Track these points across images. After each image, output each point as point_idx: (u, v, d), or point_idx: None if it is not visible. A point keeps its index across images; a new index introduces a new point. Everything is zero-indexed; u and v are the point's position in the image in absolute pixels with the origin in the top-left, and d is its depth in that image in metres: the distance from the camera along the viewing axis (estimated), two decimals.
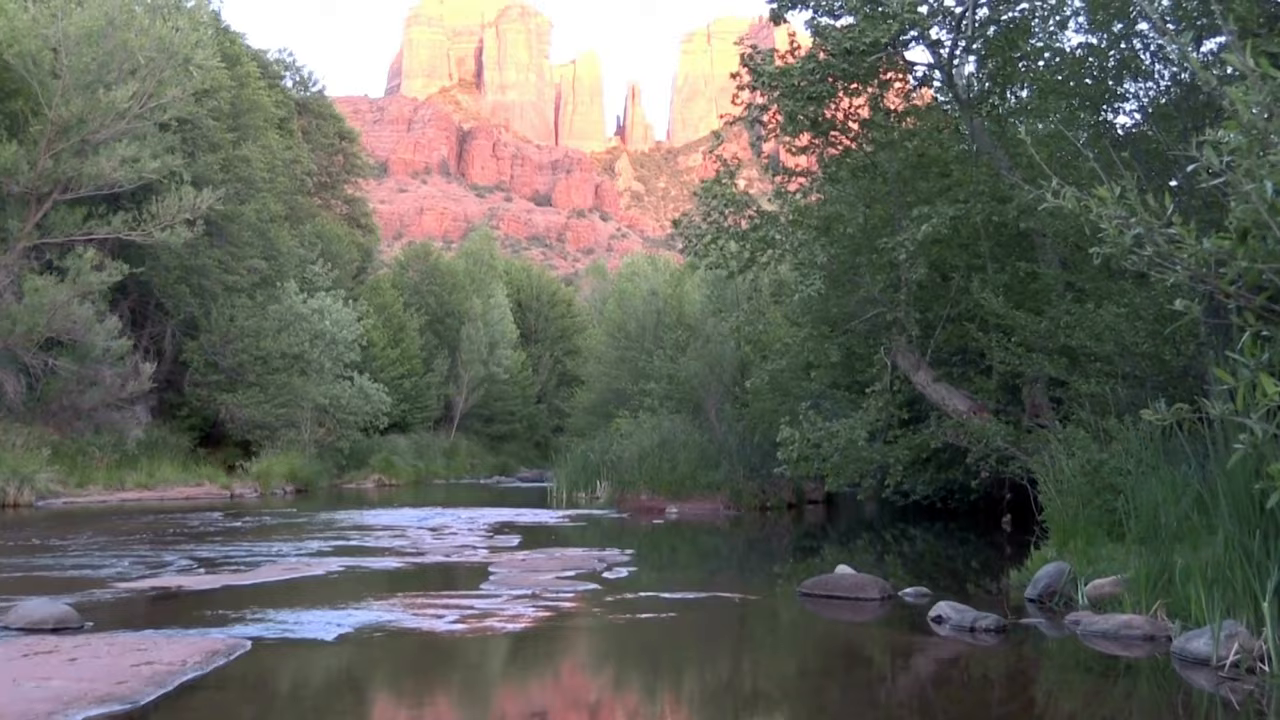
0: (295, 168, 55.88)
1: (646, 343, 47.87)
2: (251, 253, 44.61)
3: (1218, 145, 7.26)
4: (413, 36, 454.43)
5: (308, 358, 45.45)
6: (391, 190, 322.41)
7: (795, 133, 21.51)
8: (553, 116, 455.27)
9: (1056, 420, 18.13)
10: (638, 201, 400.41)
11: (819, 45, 19.69)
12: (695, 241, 22.78)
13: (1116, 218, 7.69)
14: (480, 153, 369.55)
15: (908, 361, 21.42)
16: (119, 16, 35.28)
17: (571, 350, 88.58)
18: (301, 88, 67.66)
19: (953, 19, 19.32)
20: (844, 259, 21.97)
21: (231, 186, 41.64)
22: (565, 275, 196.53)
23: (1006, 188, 18.79)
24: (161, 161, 35.77)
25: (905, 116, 22.34)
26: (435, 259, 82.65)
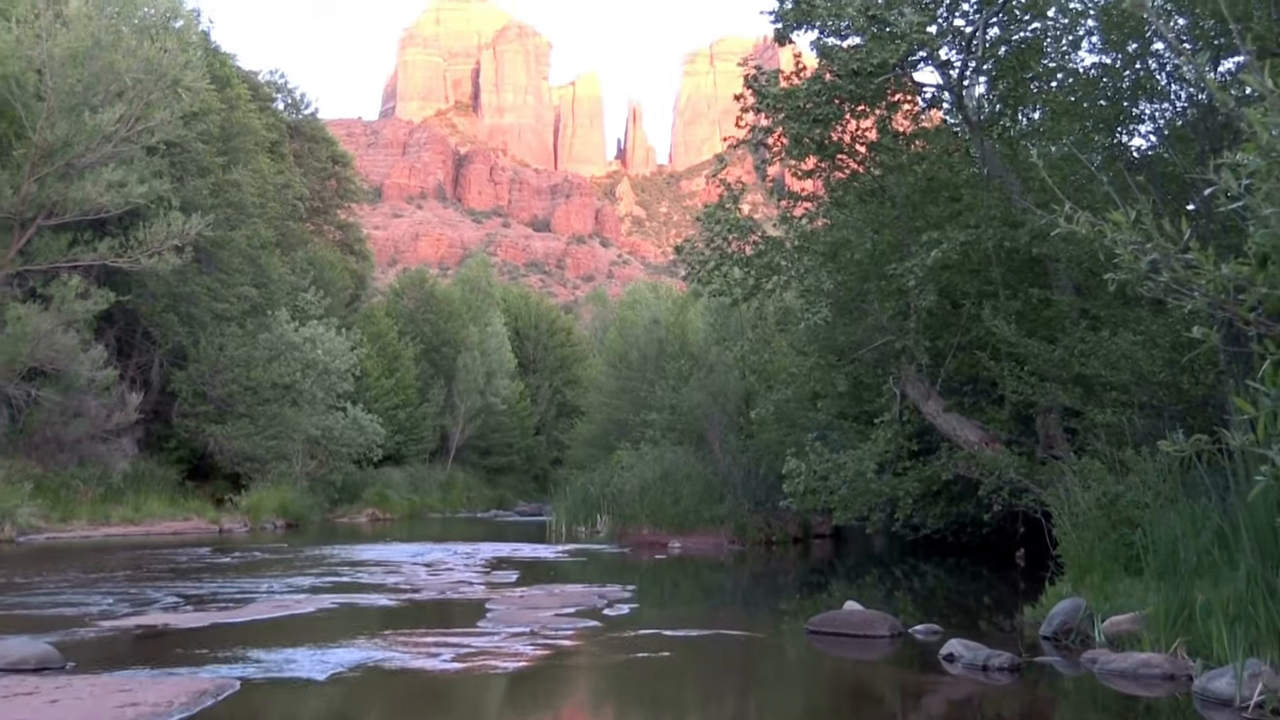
0: (287, 192, 55.96)
1: (648, 372, 47.86)
2: (242, 280, 44.64)
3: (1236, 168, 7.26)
4: (408, 58, 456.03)
5: (299, 388, 45.40)
6: (386, 215, 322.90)
7: (801, 156, 21.57)
8: (552, 140, 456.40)
9: (1071, 451, 18.09)
10: (639, 227, 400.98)
11: (825, 66, 19.75)
12: (698, 268, 22.81)
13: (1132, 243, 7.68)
14: (477, 177, 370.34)
15: (917, 391, 21.40)
16: (105, 37, 35.37)
17: (571, 380, 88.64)
18: (293, 110, 67.85)
19: (962, 39, 19.39)
20: (851, 286, 21.97)
21: (221, 212, 41.72)
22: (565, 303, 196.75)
23: (1018, 212, 18.80)
24: (149, 186, 35.81)
25: (914, 139, 22.39)
26: (431, 286, 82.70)
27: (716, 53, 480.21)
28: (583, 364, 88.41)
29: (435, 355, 76.21)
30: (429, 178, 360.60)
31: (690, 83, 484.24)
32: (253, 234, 45.35)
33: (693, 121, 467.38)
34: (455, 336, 77.21)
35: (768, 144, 21.81)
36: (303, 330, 46.24)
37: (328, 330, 47.79)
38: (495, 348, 77.96)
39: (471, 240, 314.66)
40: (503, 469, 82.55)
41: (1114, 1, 16.59)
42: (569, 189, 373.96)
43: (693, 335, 47.86)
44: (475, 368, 74.66)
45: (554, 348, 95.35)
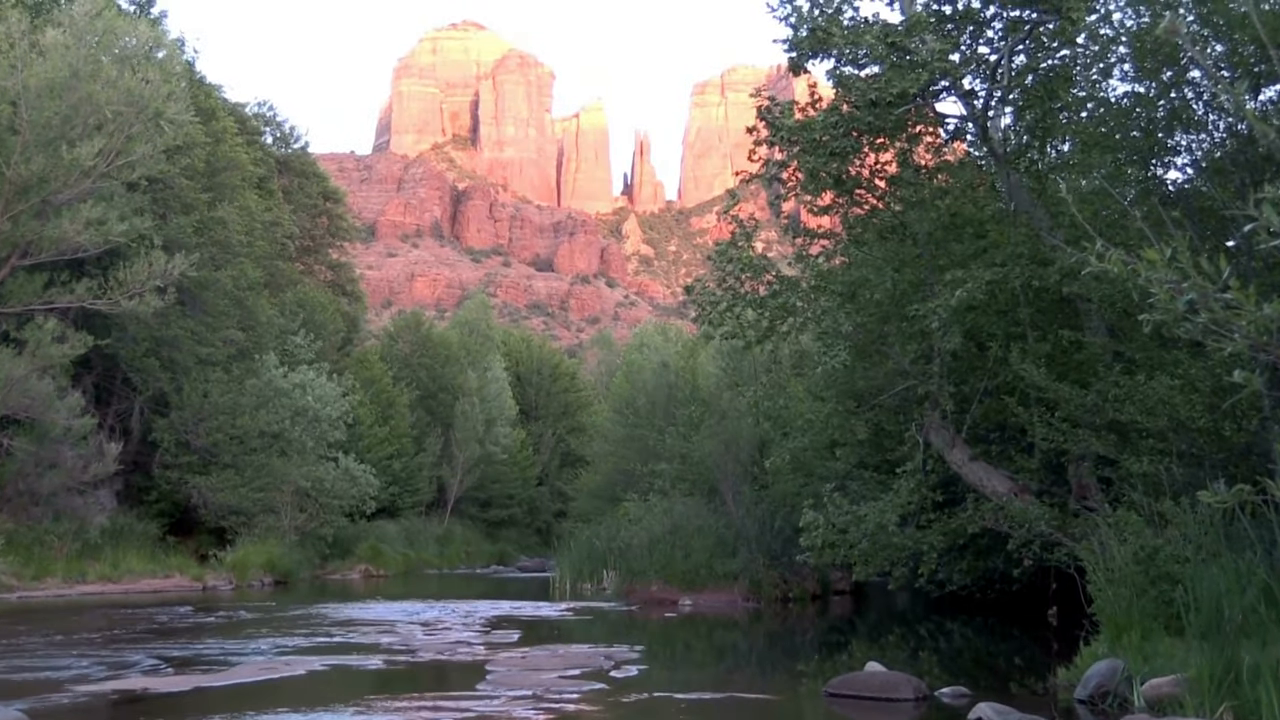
0: (275, 230, 56.14)
1: (657, 420, 47.84)
2: (227, 323, 44.73)
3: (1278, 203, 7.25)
4: (403, 89, 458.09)
5: (288, 437, 45.39)
6: (380, 255, 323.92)
7: (817, 191, 21.61)
8: (554, 175, 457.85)
9: (1106, 503, 18.02)
10: (647, 266, 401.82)
11: (842, 97, 19.81)
12: (709, 309, 22.82)
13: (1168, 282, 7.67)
14: (476, 214, 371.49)
15: (942, 439, 21.35)
16: (84, 68, 35.52)
17: (575, 428, 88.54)
18: (282, 144, 68.20)
19: (987, 67, 19.45)
20: (871, 328, 21.97)
21: (206, 251, 41.83)
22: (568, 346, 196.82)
23: (1047, 250, 18.80)
24: (129, 224, 35.88)
25: (936, 173, 22.43)
26: (427, 329, 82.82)
27: (728, 83, 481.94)
28: (588, 411, 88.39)
29: (432, 402, 76.22)
30: (425, 215, 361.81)
31: (700, 114, 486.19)
32: (239, 274, 45.44)
33: (703, 155, 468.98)
34: (453, 382, 77.24)
35: (782, 179, 21.86)
36: (292, 376, 46.28)
37: (318, 376, 47.83)
38: (495, 394, 77.97)
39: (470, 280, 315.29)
40: (503, 522, 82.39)
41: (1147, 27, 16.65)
42: (573, 226, 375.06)
43: (704, 380, 47.81)
44: (474, 415, 74.65)
45: (557, 394, 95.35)
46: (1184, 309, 7.68)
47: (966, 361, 22.67)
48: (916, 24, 18.62)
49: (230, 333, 44.74)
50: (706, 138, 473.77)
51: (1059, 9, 17.90)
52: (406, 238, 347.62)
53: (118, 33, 37.71)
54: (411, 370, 76.46)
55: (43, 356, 34.85)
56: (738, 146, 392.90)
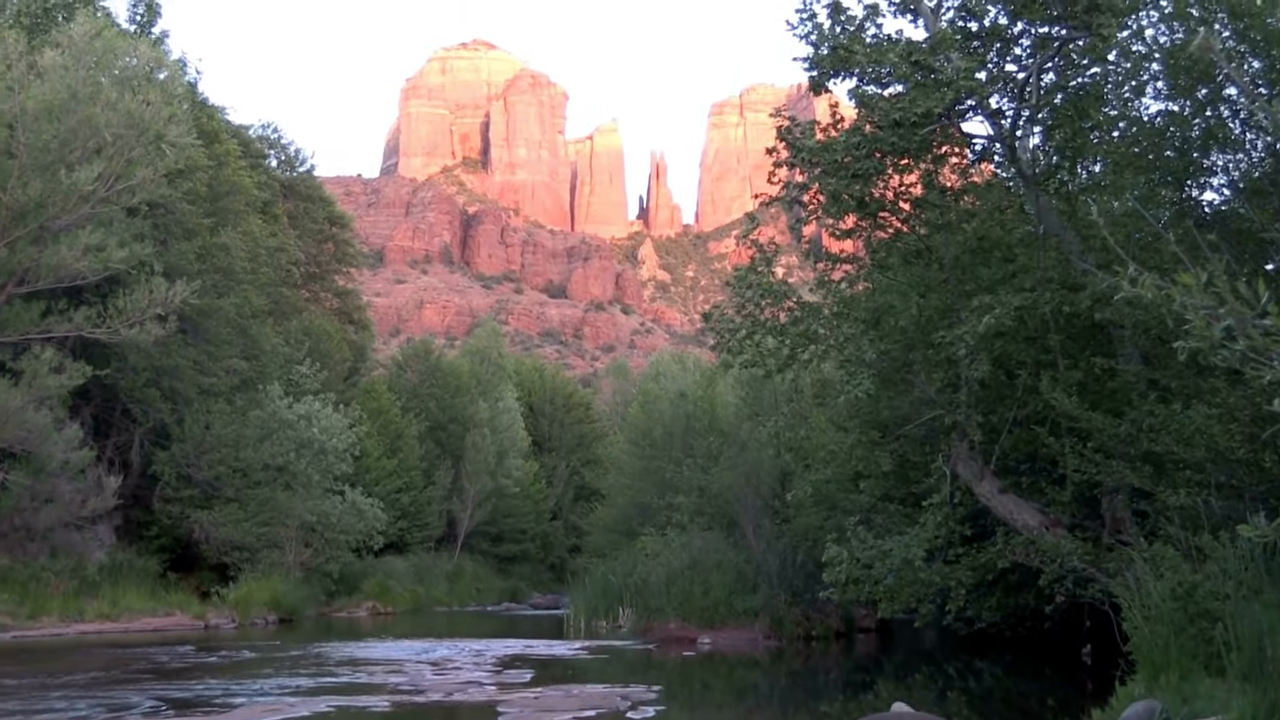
0: (280, 256, 56.32)
1: (674, 451, 47.78)
2: (230, 352, 44.81)
3: None
4: (411, 110, 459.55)
5: (293, 470, 45.42)
6: (388, 281, 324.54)
7: (839, 214, 21.61)
8: (568, 198, 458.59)
9: (1141, 537, 17.94)
10: (663, 292, 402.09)
11: (865, 117, 19.82)
12: (728, 337, 22.82)
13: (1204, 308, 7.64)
14: (487, 239, 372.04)
15: (970, 470, 21.29)
16: (83, 90, 35.66)
17: (590, 460, 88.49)
18: (287, 167, 68.46)
19: (1015, 86, 19.45)
20: (896, 355, 21.94)
21: (208, 278, 41.91)
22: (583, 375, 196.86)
23: (1078, 274, 18.77)
24: (130, 250, 35.96)
25: (963, 195, 22.43)
26: (436, 358, 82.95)
27: (746, 103, 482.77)
28: (603, 442, 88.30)
29: (442, 433, 76.28)
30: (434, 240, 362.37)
31: (718, 135, 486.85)
32: (243, 302, 45.55)
33: (721, 177, 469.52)
34: (463, 413, 77.30)
35: (803, 201, 21.88)
36: (297, 406, 46.34)
37: (324, 406, 47.88)
38: (507, 425, 78.01)
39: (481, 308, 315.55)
40: (515, 557, 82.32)
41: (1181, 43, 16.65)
42: (587, 251, 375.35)
43: (722, 410, 47.79)
44: (485, 447, 74.66)
45: (571, 425, 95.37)
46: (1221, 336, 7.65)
47: (995, 390, 22.62)
48: (941, 41, 18.64)
49: (233, 362, 44.82)
50: (725, 159, 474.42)
51: (1089, 25, 17.90)
52: (415, 263, 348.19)
53: (117, 53, 37.88)
54: (420, 401, 76.55)
55: (40, 387, 34.90)
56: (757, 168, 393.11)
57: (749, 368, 24.26)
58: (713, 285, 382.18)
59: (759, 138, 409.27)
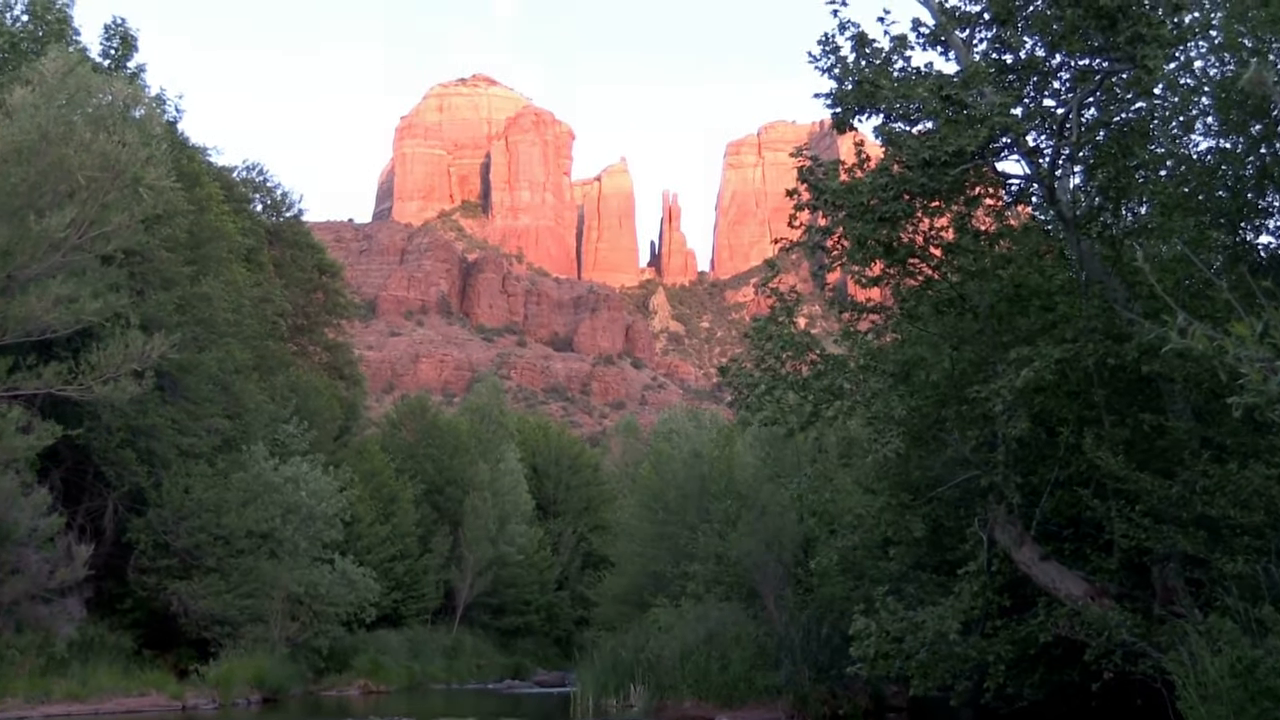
0: (265, 307, 56.42)
1: (689, 516, 47.67)
2: (212, 410, 44.77)
3: None
4: (406, 150, 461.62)
5: (279, 536, 45.31)
6: (381, 334, 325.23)
7: (865, 261, 21.59)
8: (574, 244, 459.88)
9: (1196, 608, 17.82)
10: (677, 345, 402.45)
11: (892, 156, 19.83)
12: (747, 393, 22.78)
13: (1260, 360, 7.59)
14: (487, 288, 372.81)
15: (1008, 536, 21.18)
16: (54, 129, 35.77)
17: (598, 525, 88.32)
18: (274, 212, 68.72)
19: (1054, 122, 19.46)
20: (927, 412, 21.87)
21: (188, 331, 41.93)
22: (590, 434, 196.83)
23: (1123, 324, 18.73)
24: (104, 301, 35.99)
25: (998, 239, 22.42)
26: (433, 416, 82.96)
27: (765, 141, 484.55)
28: (612, 506, 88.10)
29: (439, 497, 76.18)
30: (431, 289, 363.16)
31: (735, 176, 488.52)
32: (225, 356, 45.56)
33: (738, 221, 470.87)
34: (462, 475, 77.21)
35: (826, 247, 21.87)
36: (283, 468, 46.27)
37: (313, 468, 47.82)
38: (509, 488, 77.86)
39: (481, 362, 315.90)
40: (519, 631, 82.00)
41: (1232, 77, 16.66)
42: (595, 301, 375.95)
43: (741, 472, 47.64)
44: (486, 511, 74.51)
45: (578, 487, 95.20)
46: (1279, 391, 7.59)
47: (1035, 449, 22.53)
48: (974, 75, 18.67)
49: (215, 421, 44.77)
50: (742, 202, 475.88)
51: (1133, 57, 17.92)
52: (410, 315, 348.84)
53: (91, 90, 38.05)
54: (416, 462, 76.48)
55: (5, 449, 34.86)
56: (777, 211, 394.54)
57: (769, 425, 24.22)
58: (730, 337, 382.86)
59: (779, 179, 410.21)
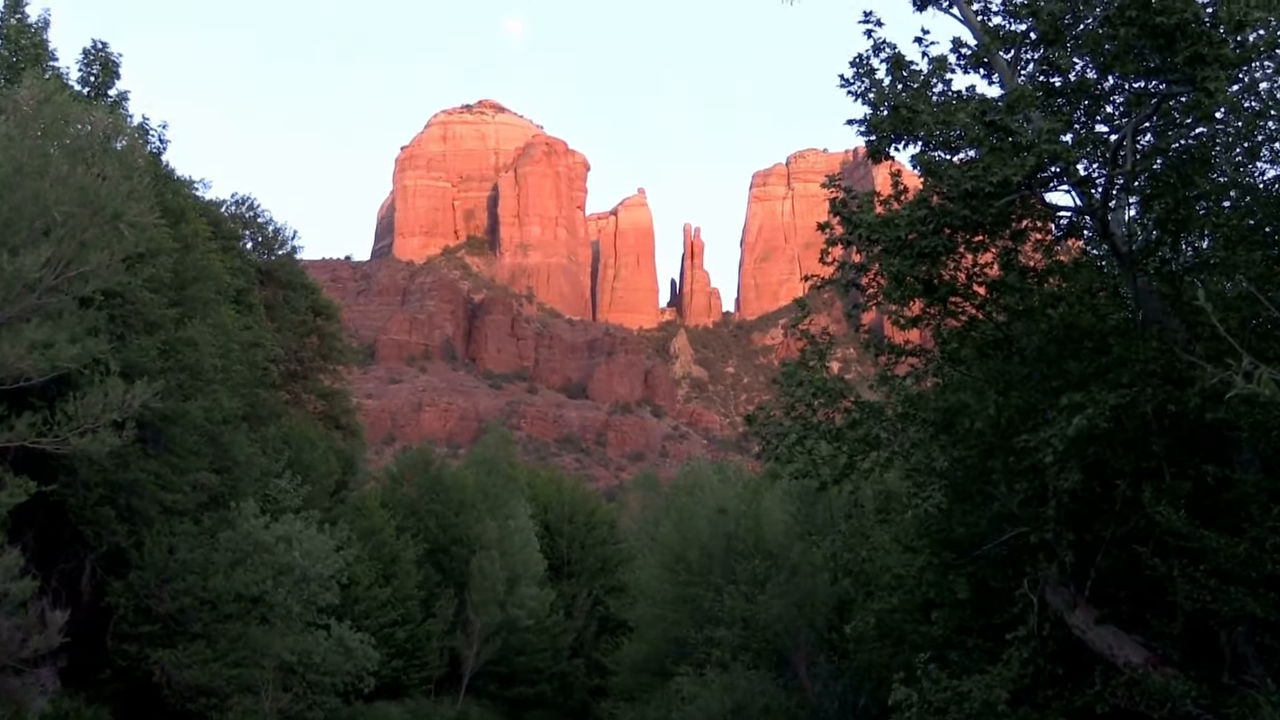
0: (256, 353, 56.49)
1: (714, 577, 47.54)
2: (198, 464, 44.76)
3: None
4: (407, 183, 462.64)
5: (270, 600, 45.21)
6: (381, 380, 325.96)
7: (903, 300, 21.59)
8: (589, 283, 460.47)
9: (1268, 677, 17.69)
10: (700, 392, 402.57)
11: (932, 187, 19.84)
12: (776, 443, 22.73)
13: None
14: (495, 331, 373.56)
15: (1061, 598, 21.07)
16: (29, 162, 35.81)
17: (615, 587, 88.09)
18: (265, 249, 68.85)
19: (1106, 150, 19.43)
20: (971, 463, 21.81)
21: (173, 378, 41.94)
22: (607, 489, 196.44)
23: (1184, 367, 18.66)
24: (82, 347, 35.97)
25: (1047, 276, 22.38)
26: (437, 469, 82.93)
27: (794, 171, 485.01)
28: (630, 566, 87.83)
29: (443, 557, 76.06)
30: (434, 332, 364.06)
31: (762, 209, 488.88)
32: (213, 406, 45.58)
33: (766, 258, 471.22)
34: (468, 533, 77.09)
35: (861, 285, 21.89)
36: (275, 527, 46.22)
37: (307, 527, 47.76)
38: (519, 547, 77.72)
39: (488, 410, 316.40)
40: (530, 702, 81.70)
41: None
42: (611, 345, 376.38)
43: (770, 529, 47.59)
44: (494, 572, 74.35)
45: (593, 546, 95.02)
46: None
47: (1088, 504, 22.42)
48: (1020, 99, 18.67)
49: (201, 476, 44.75)
50: (770, 236, 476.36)
51: (1192, 79, 17.91)
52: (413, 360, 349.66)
53: (69, 120, 38.16)
54: (419, 519, 76.40)
55: None
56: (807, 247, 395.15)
57: (800, 478, 24.16)
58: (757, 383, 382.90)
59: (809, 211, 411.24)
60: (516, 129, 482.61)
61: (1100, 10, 19.00)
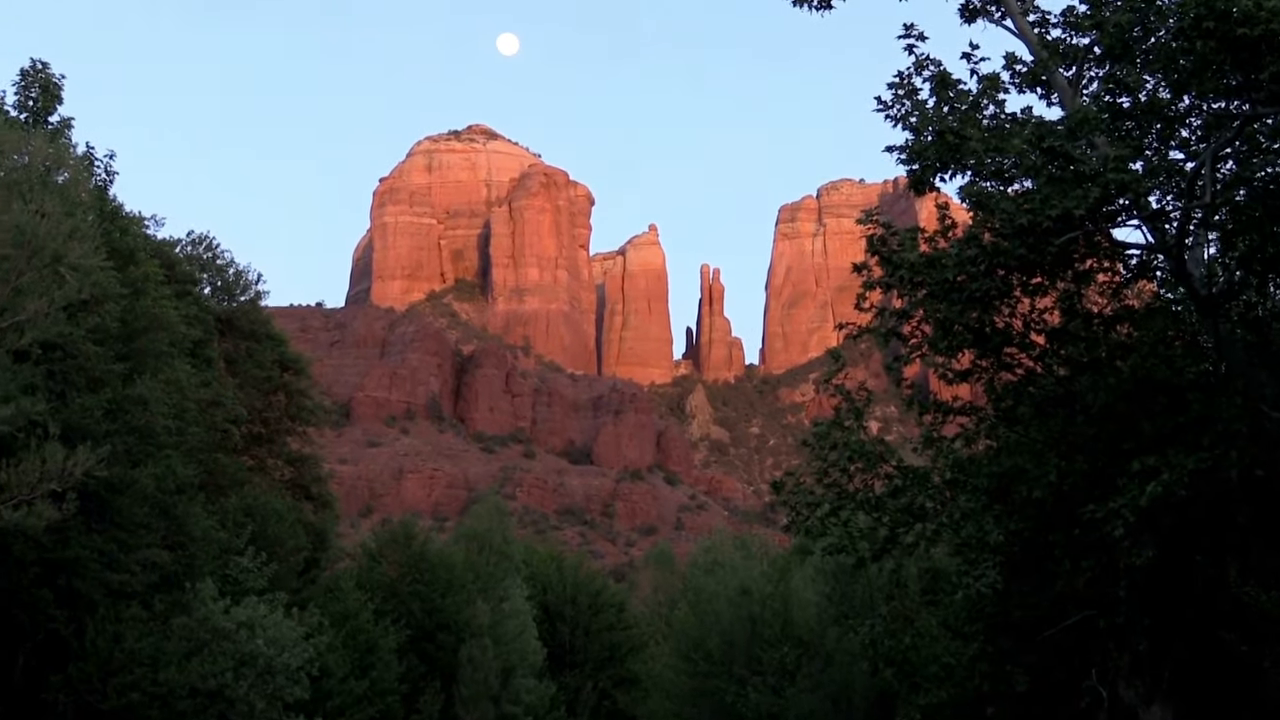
0: (215, 413, 56.47)
1: (737, 667, 47.41)
2: (148, 539, 44.63)
3: None
4: (387, 220, 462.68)
5: (230, 695, 45.07)
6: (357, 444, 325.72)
7: (951, 351, 21.56)
8: (594, 332, 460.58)
9: None
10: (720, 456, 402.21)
11: (983, 222, 19.83)
12: (807, 514, 22.68)
13: None
14: (487, 388, 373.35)
15: (1134, 691, 20.97)
16: None
17: (625, 679, 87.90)
18: (226, 295, 68.88)
19: (1182, 179, 19.39)
20: (1030, 537, 21.73)
21: (120, 442, 41.90)
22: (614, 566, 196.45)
23: (1273, 426, 18.59)
24: (16, 407, 36.00)
25: (1115, 323, 22.35)
26: (421, 545, 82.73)
27: (826, 205, 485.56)
28: (641, 655, 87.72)
29: (428, 645, 75.85)
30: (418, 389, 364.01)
31: (790, 248, 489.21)
32: (165, 473, 45.48)
33: (794, 303, 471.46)
34: (457, 618, 76.93)
35: (902, 334, 21.87)
36: (236, 611, 46.12)
37: (272, 611, 47.66)
38: (515, 633, 77.57)
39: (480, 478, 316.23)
40: None
41: None
42: (619, 403, 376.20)
43: (800, 612, 47.52)
44: (486, 663, 74.18)
45: (599, 632, 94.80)
46: None
47: (1165, 583, 22.33)
48: (1083, 122, 18.66)
49: (152, 553, 44.61)
50: (799, 279, 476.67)
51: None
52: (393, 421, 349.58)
53: (4, 149, 38.21)
54: (400, 602, 76.24)
55: None
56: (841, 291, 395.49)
57: (834, 554, 24.15)
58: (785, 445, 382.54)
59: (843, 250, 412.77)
60: (511, 158, 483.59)
61: (1174, 22, 18.96)
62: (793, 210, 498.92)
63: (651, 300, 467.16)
